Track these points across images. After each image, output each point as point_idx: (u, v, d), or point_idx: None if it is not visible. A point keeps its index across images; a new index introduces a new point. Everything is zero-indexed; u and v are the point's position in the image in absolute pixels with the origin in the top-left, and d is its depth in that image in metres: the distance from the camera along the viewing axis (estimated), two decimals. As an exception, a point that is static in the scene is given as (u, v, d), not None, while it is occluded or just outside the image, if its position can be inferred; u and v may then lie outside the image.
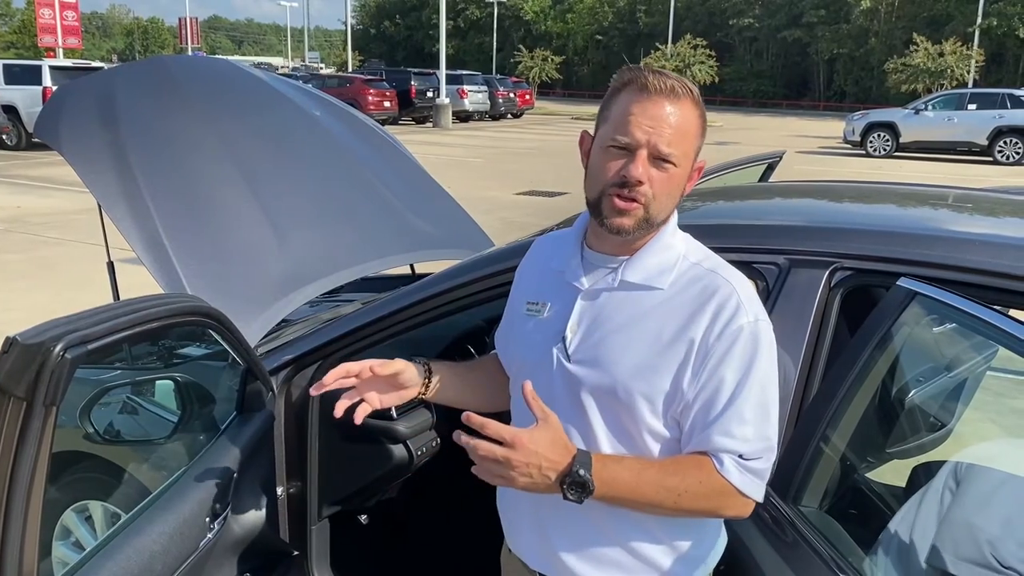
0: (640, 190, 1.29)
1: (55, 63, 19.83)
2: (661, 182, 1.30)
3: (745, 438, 1.29)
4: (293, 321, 2.71)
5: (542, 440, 1.23)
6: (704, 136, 1.36)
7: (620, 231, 1.32)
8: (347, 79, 29.09)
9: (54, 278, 7.40)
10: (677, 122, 1.28)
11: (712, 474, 1.29)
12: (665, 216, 1.35)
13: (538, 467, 1.23)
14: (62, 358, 1.23)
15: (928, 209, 2.36)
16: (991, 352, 2.48)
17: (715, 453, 1.30)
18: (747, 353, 1.30)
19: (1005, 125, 20.12)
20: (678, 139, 1.29)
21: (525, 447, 1.21)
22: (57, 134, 2.60)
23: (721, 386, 1.30)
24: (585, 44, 65.49)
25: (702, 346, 1.30)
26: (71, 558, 2.46)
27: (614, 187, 1.30)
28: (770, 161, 3.80)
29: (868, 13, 51.27)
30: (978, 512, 1.87)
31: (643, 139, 1.28)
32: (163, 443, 2.29)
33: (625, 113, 1.29)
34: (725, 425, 1.29)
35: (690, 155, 1.33)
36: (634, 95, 1.29)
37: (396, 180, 3.31)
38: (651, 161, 1.29)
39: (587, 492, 1.25)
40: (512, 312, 1.56)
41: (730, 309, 1.30)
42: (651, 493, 1.29)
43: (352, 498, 2.46)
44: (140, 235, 2.41)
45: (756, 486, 1.32)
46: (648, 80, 1.28)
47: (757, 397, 1.30)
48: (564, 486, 1.24)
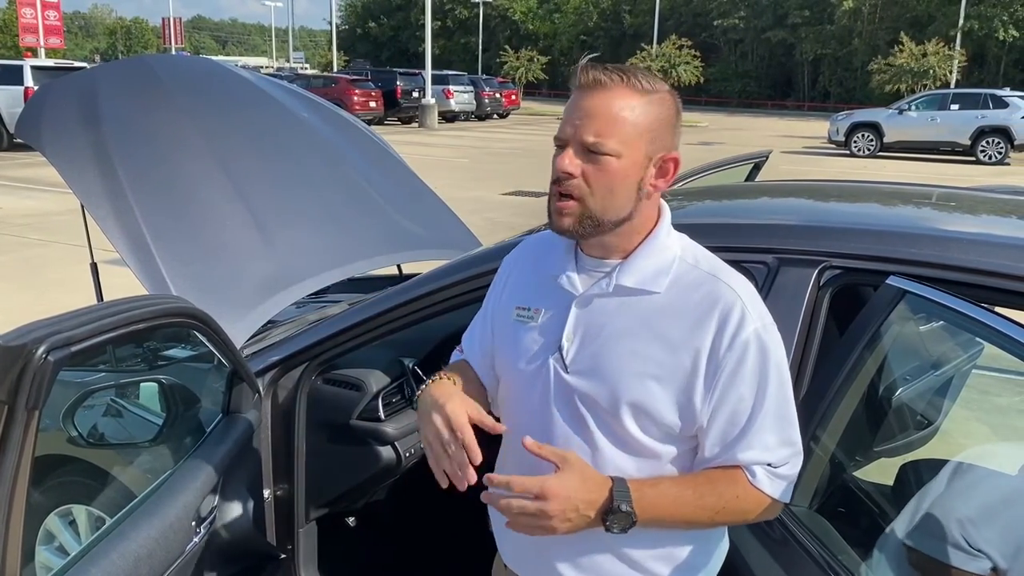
0: (571, 184, 1.26)
1: (37, 63, 19.66)
2: (595, 174, 1.25)
3: (770, 448, 1.29)
4: (279, 322, 2.69)
5: (571, 482, 1.21)
6: (668, 127, 1.29)
7: (562, 232, 1.30)
8: (333, 79, 28.99)
9: (37, 279, 7.33)
10: (608, 111, 1.24)
11: (747, 488, 1.30)
12: (617, 214, 1.28)
13: (575, 510, 1.20)
14: (44, 360, 1.21)
15: (916, 208, 2.37)
16: (977, 350, 2.50)
17: (746, 467, 1.30)
18: (759, 362, 1.28)
19: (987, 125, 20.31)
20: (609, 128, 1.23)
21: (558, 495, 1.19)
22: (38, 134, 2.57)
23: (740, 401, 1.28)
24: (571, 45, 65.50)
25: (712, 358, 1.27)
26: (55, 563, 2.43)
27: (553, 185, 1.28)
28: (756, 161, 3.81)
29: (851, 14, 51.56)
30: (955, 497, 1.88)
31: (570, 132, 1.26)
32: (148, 446, 2.26)
33: (565, 111, 1.29)
34: (751, 439, 1.28)
35: (635, 145, 1.25)
36: (573, 92, 1.28)
37: (383, 180, 3.30)
38: (583, 154, 1.25)
39: (631, 524, 1.23)
40: (496, 316, 1.48)
41: (736, 318, 1.27)
42: (690, 513, 1.28)
43: (340, 500, 2.45)
44: (123, 235, 2.38)
45: (787, 490, 1.33)
46: (579, 75, 1.26)
47: (776, 403, 1.29)
48: (607, 522, 1.23)
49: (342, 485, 2.42)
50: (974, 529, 1.69)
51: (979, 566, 1.66)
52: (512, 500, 1.19)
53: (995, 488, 2.02)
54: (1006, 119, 20.21)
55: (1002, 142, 20.21)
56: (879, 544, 1.76)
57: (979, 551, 1.68)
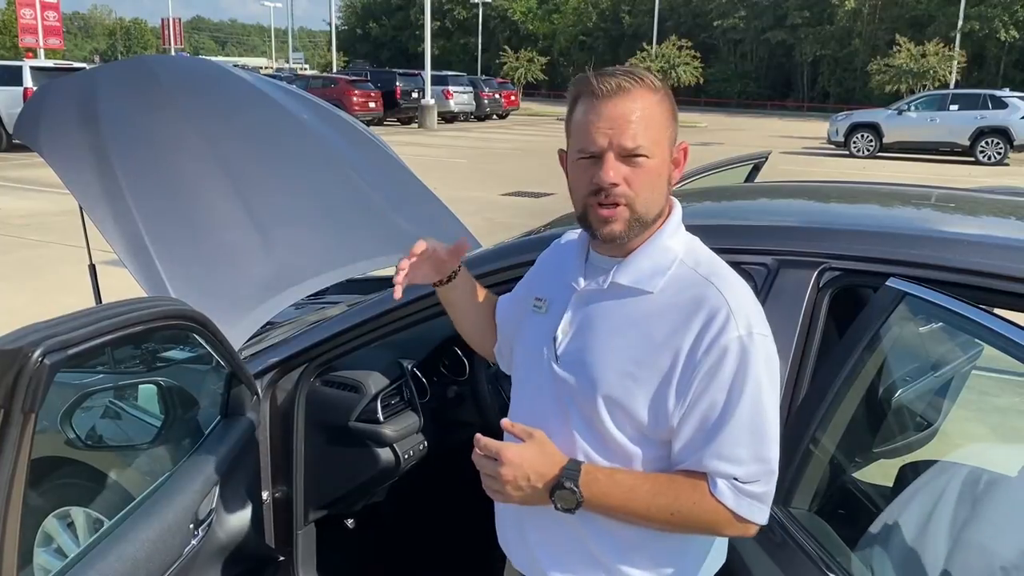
0: (617, 192, 1.28)
1: (36, 63, 19.65)
2: (637, 177, 1.28)
3: (739, 460, 1.26)
4: (278, 324, 2.69)
5: (528, 453, 1.28)
6: (675, 119, 1.34)
7: (614, 238, 1.31)
8: (332, 80, 29.00)
9: (34, 281, 7.32)
10: (636, 115, 1.27)
11: (706, 496, 1.27)
12: (656, 211, 1.33)
13: (526, 479, 1.27)
14: (40, 363, 1.21)
15: (915, 209, 2.37)
16: (976, 351, 2.49)
17: (709, 475, 1.27)
18: (737, 370, 1.26)
19: (987, 125, 20.32)
20: (642, 130, 1.27)
21: (511, 462, 1.26)
22: (37, 135, 2.56)
23: (712, 406, 1.26)
24: (569, 45, 65.56)
25: (688, 360, 1.27)
26: (53, 565, 2.43)
27: (592, 197, 1.30)
28: (756, 161, 3.80)
29: (851, 14, 51.60)
30: (992, 535, 1.79)
31: (605, 143, 1.27)
32: (146, 448, 2.25)
33: (584, 123, 1.29)
34: (717, 447, 1.26)
35: (661, 142, 1.30)
36: (588, 103, 1.29)
37: (382, 181, 3.29)
38: (621, 160, 1.28)
39: (576, 503, 1.26)
40: (523, 301, 1.55)
41: (719, 323, 1.26)
42: (642, 509, 1.29)
43: (338, 502, 2.45)
44: (122, 237, 2.37)
45: (756, 509, 1.28)
46: (595, 85, 1.28)
47: (751, 416, 1.26)
48: (552, 497, 1.27)
49: (341, 487, 2.42)
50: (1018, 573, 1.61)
51: None
52: (479, 457, 1.29)
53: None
54: (1005, 120, 20.22)
55: (1001, 143, 20.22)
56: (879, 546, 1.76)
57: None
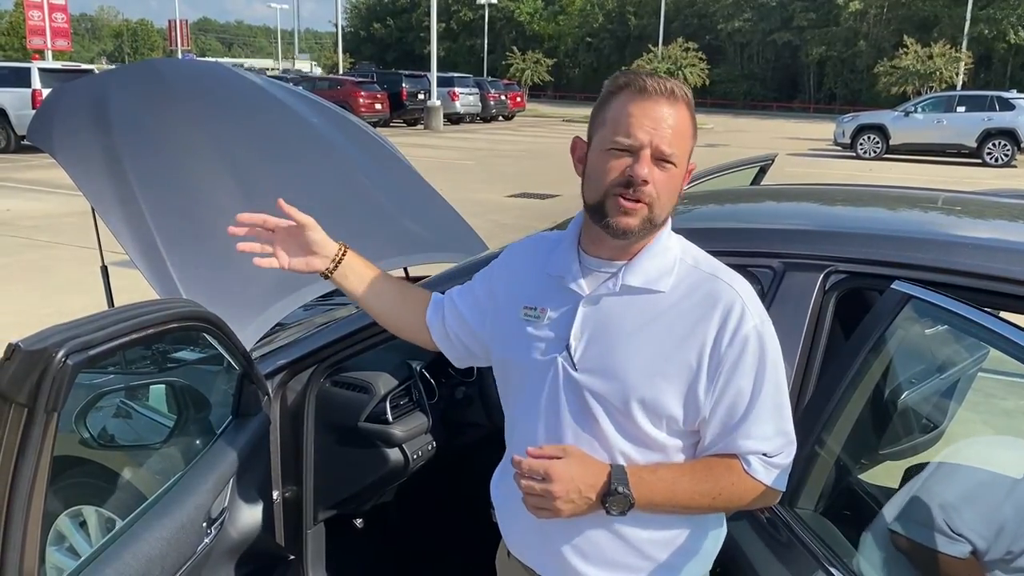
0: (645, 190, 1.30)
1: (44, 65, 19.73)
2: (663, 182, 1.31)
3: (767, 437, 1.35)
4: (288, 325, 2.71)
5: (574, 467, 1.30)
6: (696, 135, 1.39)
7: (626, 232, 1.32)
8: (338, 81, 29.05)
9: (44, 282, 7.36)
10: (675, 123, 1.31)
11: (742, 476, 1.36)
12: (665, 216, 1.37)
13: (578, 492, 1.30)
14: (64, 364, 1.23)
15: (921, 212, 2.38)
16: (982, 354, 2.50)
17: (743, 456, 1.36)
18: (758, 356, 1.34)
19: (994, 127, 20.27)
20: (677, 140, 1.31)
21: (562, 478, 1.29)
22: (50, 139, 2.59)
23: (740, 393, 1.34)
24: (575, 46, 65.54)
25: (714, 354, 1.33)
26: (66, 563, 2.45)
27: (618, 187, 1.31)
28: (762, 164, 3.81)
29: (857, 15, 51.46)
30: (939, 483, 1.93)
31: (646, 139, 1.29)
32: (159, 448, 2.28)
33: (625, 115, 1.30)
34: (748, 429, 1.35)
35: (686, 156, 1.35)
36: (632, 97, 1.31)
37: (389, 183, 3.31)
38: (654, 161, 1.30)
39: (628, 505, 1.31)
40: (500, 312, 1.52)
41: (736, 315, 1.33)
42: (687, 499, 1.35)
43: (348, 502, 2.46)
44: (134, 239, 2.40)
45: (782, 478, 1.40)
46: (647, 83, 1.31)
47: (772, 396, 1.36)
48: (606, 504, 1.30)
49: (350, 487, 2.44)
50: (957, 516, 1.74)
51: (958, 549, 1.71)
52: (525, 482, 1.30)
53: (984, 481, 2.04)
54: (1012, 121, 20.17)
55: (1008, 144, 20.17)
56: (883, 547, 1.77)
57: (960, 535, 1.72)
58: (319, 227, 1.65)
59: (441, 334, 1.64)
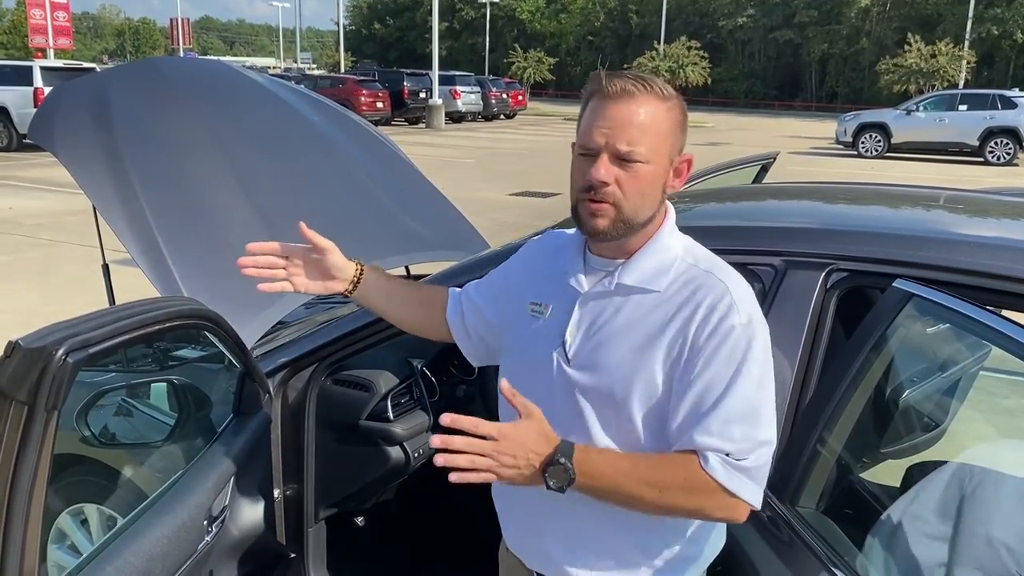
0: (606, 191, 1.31)
1: (46, 64, 19.74)
2: (628, 181, 1.31)
3: (731, 438, 1.28)
4: (289, 323, 2.71)
5: (528, 432, 1.26)
6: (682, 130, 1.36)
7: (596, 233, 1.34)
8: (340, 80, 29.05)
9: (46, 280, 7.37)
10: (638, 120, 1.29)
11: (697, 471, 1.28)
12: (646, 215, 1.35)
13: (525, 458, 1.25)
14: (64, 362, 1.23)
15: (923, 210, 2.38)
16: (984, 352, 2.50)
17: (701, 451, 1.29)
18: (737, 353, 1.30)
19: (996, 126, 20.24)
20: (639, 136, 1.29)
21: (511, 438, 1.24)
22: (51, 137, 2.59)
23: (709, 386, 1.29)
24: (577, 45, 65.51)
25: (693, 343, 1.31)
26: (66, 561, 2.45)
27: (583, 192, 1.33)
28: (764, 162, 3.81)
29: (860, 13, 51.38)
30: (994, 524, 1.79)
31: (602, 141, 1.30)
32: (160, 446, 2.28)
33: (588, 120, 1.33)
34: (710, 424, 1.28)
35: (660, 150, 1.32)
36: (596, 102, 1.32)
37: (390, 181, 3.31)
38: (615, 162, 1.30)
39: (568, 480, 1.26)
40: (512, 305, 1.54)
41: (722, 308, 1.31)
42: (633, 486, 1.29)
43: (349, 500, 2.47)
44: (135, 237, 2.40)
45: (748, 487, 1.29)
46: (604, 85, 1.31)
47: (746, 398, 1.29)
48: (545, 474, 1.26)
49: (351, 485, 2.44)
50: None
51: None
52: (457, 437, 1.21)
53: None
54: (1015, 120, 20.14)
55: (1011, 143, 20.14)
56: (886, 546, 1.77)
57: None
58: (338, 250, 1.63)
59: (460, 330, 1.65)
